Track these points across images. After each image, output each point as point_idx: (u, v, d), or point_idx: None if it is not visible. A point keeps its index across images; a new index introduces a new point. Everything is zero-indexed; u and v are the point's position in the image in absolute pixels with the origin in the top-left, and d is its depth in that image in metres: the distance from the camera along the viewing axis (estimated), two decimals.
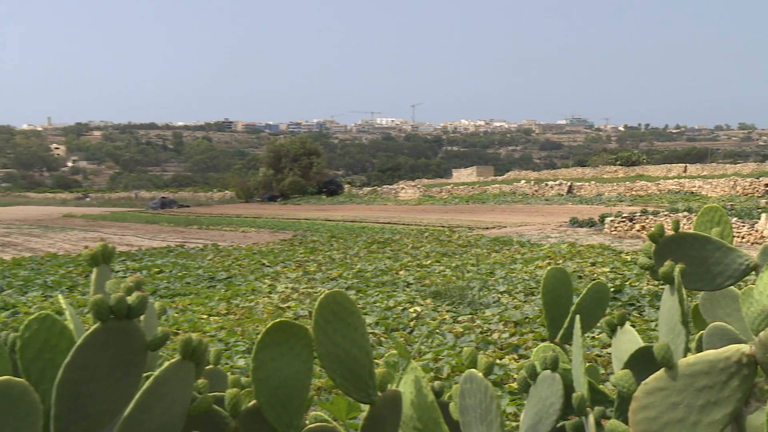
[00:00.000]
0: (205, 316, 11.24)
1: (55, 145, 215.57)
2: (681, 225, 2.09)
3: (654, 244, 2.01)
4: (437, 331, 9.23)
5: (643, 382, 1.62)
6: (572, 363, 1.94)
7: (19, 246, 28.26)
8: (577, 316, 1.98)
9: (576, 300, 2.35)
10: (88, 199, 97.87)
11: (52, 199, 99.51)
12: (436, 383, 2.13)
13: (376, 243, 21.95)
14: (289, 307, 11.66)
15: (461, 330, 9.17)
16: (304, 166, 69.40)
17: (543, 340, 8.04)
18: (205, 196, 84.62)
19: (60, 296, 2.24)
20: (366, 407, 1.89)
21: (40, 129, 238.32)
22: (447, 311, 10.59)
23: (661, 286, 2.87)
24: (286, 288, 13.66)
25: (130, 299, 1.63)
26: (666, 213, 24.31)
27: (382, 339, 8.95)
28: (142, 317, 1.68)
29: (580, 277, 13.30)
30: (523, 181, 55.08)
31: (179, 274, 16.49)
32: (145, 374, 1.71)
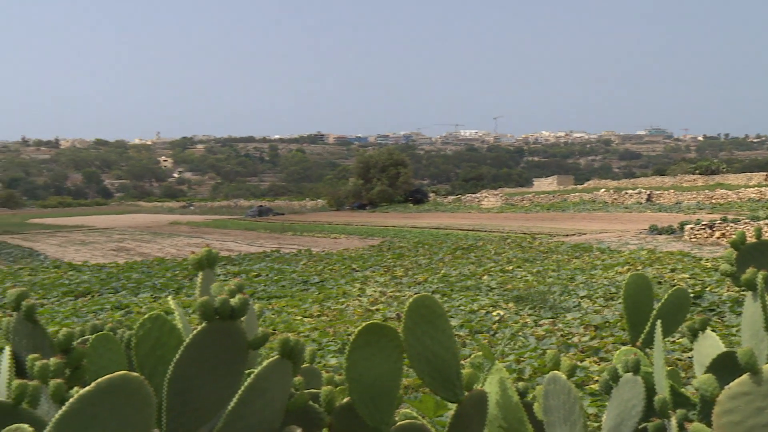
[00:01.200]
0: (299, 317, 11.35)
1: (163, 158, 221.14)
2: (762, 233, 2.03)
3: (736, 251, 1.95)
4: (519, 333, 9.14)
5: (727, 387, 1.57)
6: (654, 366, 1.90)
7: (131, 251, 29.07)
8: (659, 321, 1.94)
9: (657, 305, 2.30)
10: (192, 207, 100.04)
11: (160, 208, 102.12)
12: (520, 384, 2.11)
13: (460, 249, 21.85)
14: (377, 310, 11.70)
15: (543, 333, 9.06)
16: (391, 176, 69.59)
17: (623, 344, 7.85)
18: (299, 205, 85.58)
19: (169, 298, 2.30)
20: (453, 406, 1.89)
21: (150, 143, 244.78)
22: (529, 315, 10.47)
23: (742, 292, 2.79)
24: (375, 291, 13.70)
25: (233, 301, 1.66)
26: (747, 221, 23.49)
27: (466, 341, 8.91)
28: (243, 318, 1.71)
29: (659, 283, 12.99)
30: (602, 190, 54.09)
31: (275, 277, 16.71)
32: (246, 371, 1.74)
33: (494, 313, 10.65)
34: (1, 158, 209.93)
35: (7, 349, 1.89)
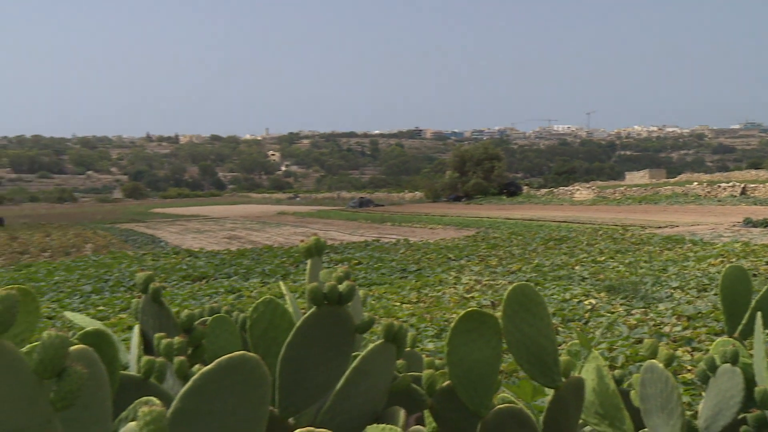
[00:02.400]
0: (397, 304, 11.37)
1: (271, 152, 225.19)
2: None
3: None
4: (604, 321, 8.94)
5: None
6: (753, 358, 1.82)
7: (242, 239, 29.70)
8: (759, 313, 1.86)
9: (755, 297, 2.20)
10: (298, 198, 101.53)
11: (269, 199, 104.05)
12: (615, 372, 2.06)
13: (552, 240, 21.50)
14: (472, 297, 11.62)
15: (634, 322, 8.84)
16: (486, 169, 69.11)
17: (717, 335, 7.59)
18: (398, 197, 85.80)
19: (281, 283, 2.33)
20: (550, 391, 1.86)
21: (259, 138, 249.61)
22: (621, 304, 10.23)
23: None
24: (470, 280, 13.61)
25: (341, 287, 1.68)
26: None
27: (559, 329, 8.76)
28: (350, 303, 1.73)
29: (754, 275, 12.47)
30: (695, 183, 52.34)
31: (375, 265, 16.78)
32: (353, 354, 1.76)
33: (586, 303, 10.45)
34: (128, 153, 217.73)
35: (136, 328, 1.96)
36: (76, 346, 1.03)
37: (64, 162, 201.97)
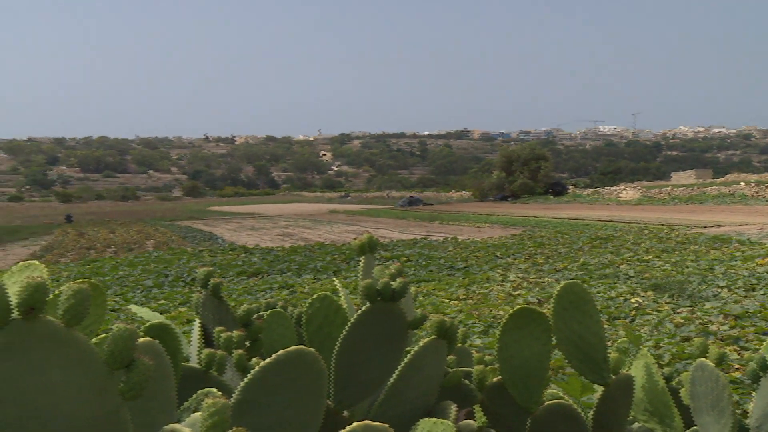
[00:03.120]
0: (446, 300, 11.33)
1: (323, 152, 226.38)
2: None
3: None
4: (654, 320, 8.79)
5: None
6: None
7: (295, 236, 29.92)
8: None
9: None
10: (348, 197, 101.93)
11: (321, 197, 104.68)
12: (665, 369, 2.02)
13: (598, 239, 21.22)
14: (519, 295, 11.52)
15: (681, 320, 8.68)
16: (532, 169, 68.55)
17: (765, 334, 7.39)
18: (446, 196, 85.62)
19: (336, 279, 2.34)
20: (600, 388, 1.83)
21: (312, 139, 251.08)
22: (667, 303, 10.05)
23: None
24: (517, 277, 13.51)
25: (394, 284, 1.67)
26: None
27: (605, 327, 8.64)
28: (402, 300, 1.72)
29: None
30: (742, 183, 51.16)
31: (424, 262, 16.75)
32: (405, 349, 1.75)
33: (632, 300, 10.29)
34: (187, 153, 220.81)
35: (197, 322, 1.98)
36: (142, 339, 1.05)
37: (128, 162, 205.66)
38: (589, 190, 67.56)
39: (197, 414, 0.98)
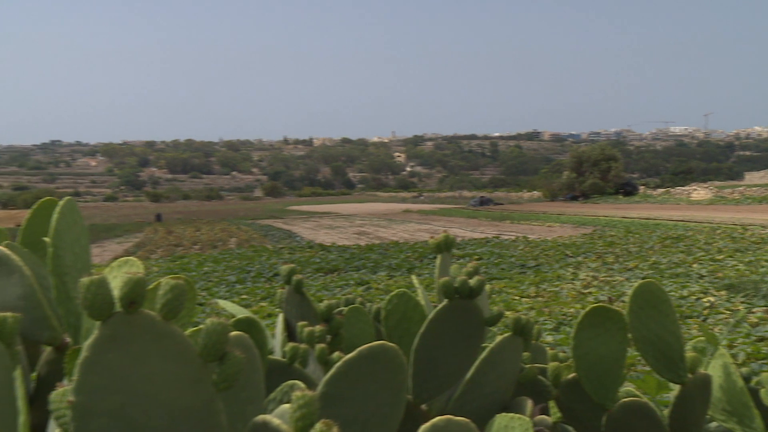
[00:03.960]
0: (517, 298, 11.23)
1: (397, 154, 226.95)
2: None
3: None
4: (733, 319, 8.50)
5: None
6: None
7: (370, 234, 30.06)
8: None
9: None
10: (421, 197, 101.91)
11: (395, 197, 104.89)
12: (743, 369, 1.95)
13: (669, 238, 20.70)
14: (590, 293, 11.32)
15: (756, 321, 8.38)
16: (603, 169, 67.30)
17: None
18: (516, 196, 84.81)
19: (413, 276, 2.33)
20: (676, 387, 1.78)
21: (386, 141, 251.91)
22: (741, 302, 9.72)
23: None
24: (587, 276, 13.28)
25: (471, 282, 1.66)
26: None
27: None
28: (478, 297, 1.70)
29: None
30: None
31: (495, 261, 16.63)
32: (482, 345, 1.74)
33: (704, 300, 9.99)
34: (268, 155, 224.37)
35: (281, 316, 2.00)
36: (233, 333, 1.06)
37: (212, 163, 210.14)
38: (660, 191, 65.92)
39: (285, 406, 0.98)
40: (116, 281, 0.92)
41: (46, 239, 1.81)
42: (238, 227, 38.72)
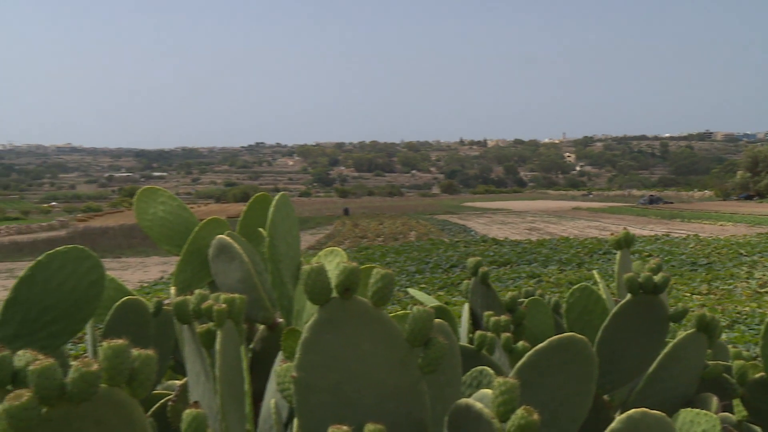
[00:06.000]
0: (687, 294, 10.61)
1: (567, 154, 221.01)
2: None
3: None
4: None
5: None
6: None
7: (541, 230, 29.48)
8: None
9: None
10: (590, 196, 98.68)
11: (564, 195, 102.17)
12: None
13: None
14: (767, 292, 10.46)
15: None
16: None
17: None
18: (686, 195, 79.94)
19: (594, 272, 2.25)
20: None
21: (557, 142, 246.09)
22: None
23: None
24: (764, 275, 12.27)
25: (656, 278, 1.58)
26: None
27: None
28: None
29: None
30: None
31: (665, 258, 15.77)
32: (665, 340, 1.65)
33: None
34: (444, 155, 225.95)
35: (466, 306, 1.99)
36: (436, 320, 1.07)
37: (394, 163, 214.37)
38: None
39: (484, 390, 0.97)
40: (331, 270, 0.95)
41: (261, 230, 1.91)
42: (418, 221, 39.28)
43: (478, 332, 1.58)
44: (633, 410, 0.95)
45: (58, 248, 1.46)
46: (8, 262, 24.14)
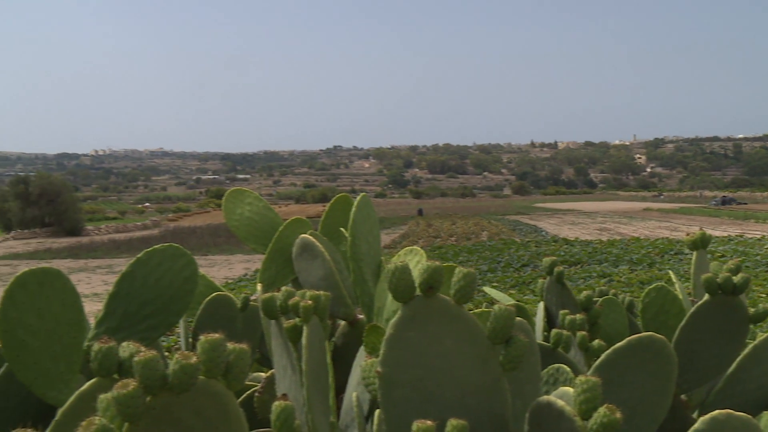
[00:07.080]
0: (763, 296, 10.17)
1: (638, 156, 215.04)
2: None
3: None
4: None
5: None
6: None
7: (611, 231, 28.74)
8: None
9: None
10: (661, 197, 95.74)
11: (635, 197, 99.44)
12: None
13: None
14: None
15: None
16: None
17: None
18: (761, 196, 76.59)
19: (670, 272, 2.17)
20: None
21: (627, 144, 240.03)
22: None
23: None
24: None
25: (735, 279, 1.51)
26: None
27: None
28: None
29: None
30: None
31: (739, 259, 15.12)
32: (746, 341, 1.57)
33: None
34: (516, 157, 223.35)
35: (541, 304, 1.95)
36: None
37: (466, 165, 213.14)
38: None
39: (565, 388, 0.95)
40: (414, 268, 0.94)
41: (342, 230, 1.92)
42: (489, 222, 38.93)
43: (554, 330, 1.55)
44: (717, 411, 0.91)
45: (155, 246, 1.50)
46: (108, 258, 25.16)
